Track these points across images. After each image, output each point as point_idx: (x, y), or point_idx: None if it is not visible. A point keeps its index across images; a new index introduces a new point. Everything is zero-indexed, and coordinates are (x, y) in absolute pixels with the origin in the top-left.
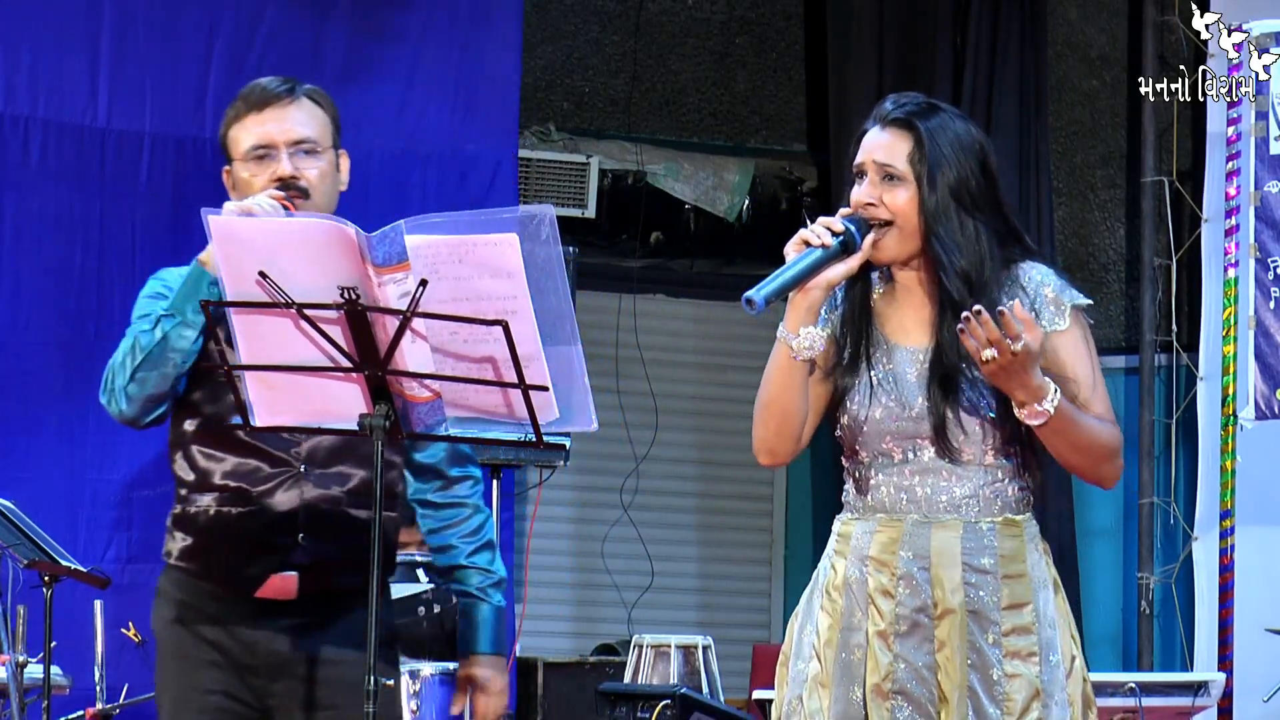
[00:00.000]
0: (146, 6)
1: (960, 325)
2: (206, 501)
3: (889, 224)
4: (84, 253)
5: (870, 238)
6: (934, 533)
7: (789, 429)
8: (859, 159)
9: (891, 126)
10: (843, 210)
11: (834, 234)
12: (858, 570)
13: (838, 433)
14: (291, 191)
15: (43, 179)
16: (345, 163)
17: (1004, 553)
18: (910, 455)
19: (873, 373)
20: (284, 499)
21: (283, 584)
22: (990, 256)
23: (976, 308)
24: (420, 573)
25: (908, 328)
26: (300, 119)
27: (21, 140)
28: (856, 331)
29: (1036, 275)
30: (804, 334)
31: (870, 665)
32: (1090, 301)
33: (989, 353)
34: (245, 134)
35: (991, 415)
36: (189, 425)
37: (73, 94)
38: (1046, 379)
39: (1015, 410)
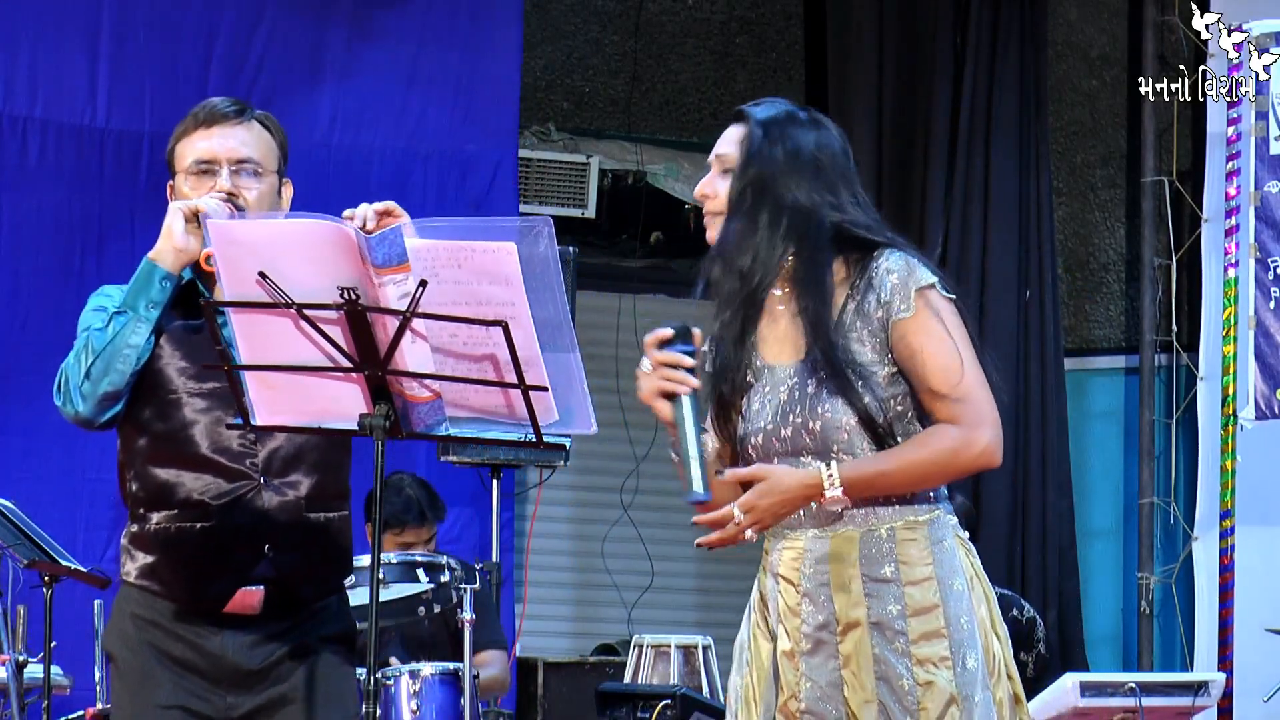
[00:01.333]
0: (146, 6)
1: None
2: (163, 518)
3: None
4: (83, 253)
5: (696, 331)
6: (831, 546)
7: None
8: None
9: (733, 120)
10: (655, 337)
11: (679, 366)
12: (772, 586)
13: (741, 460)
14: (230, 206)
15: (42, 179)
16: (288, 191)
17: (904, 559)
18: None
19: (755, 398)
20: (245, 512)
21: (248, 598)
22: (806, 243)
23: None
24: (420, 572)
25: (779, 346)
26: (245, 139)
27: (20, 140)
28: (737, 359)
29: (884, 264)
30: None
31: (780, 684)
32: (934, 280)
33: (749, 535)
34: (190, 149)
35: (853, 418)
36: (141, 443)
37: (72, 94)
38: (810, 468)
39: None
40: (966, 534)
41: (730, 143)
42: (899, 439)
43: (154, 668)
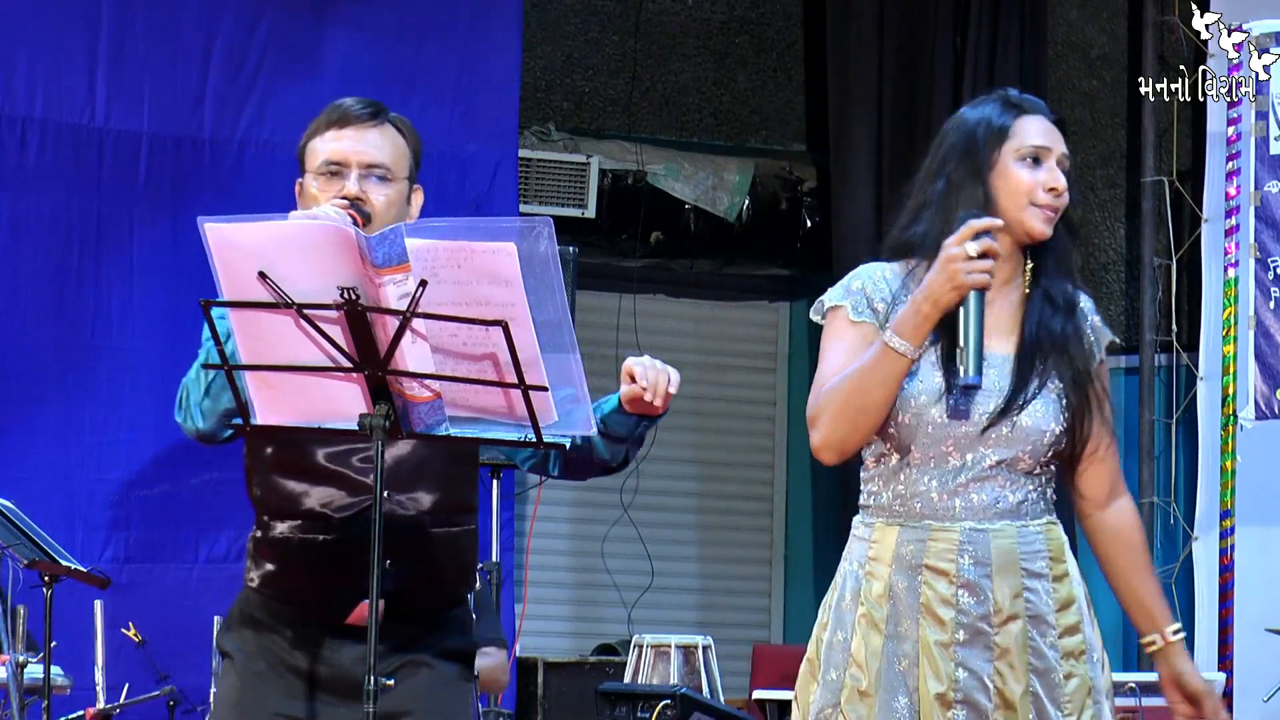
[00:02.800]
0: (145, 6)
1: None
2: (287, 529)
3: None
4: (82, 253)
5: (994, 221)
6: (992, 540)
7: (871, 427)
8: (1039, 141)
9: (1055, 124)
10: (971, 227)
11: (985, 256)
12: (905, 579)
13: (890, 430)
14: (356, 215)
15: (41, 179)
16: (418, 198)
17: (1052, 554)
18: (970, 460)
19: (950, 377)
20: (367, 525)
21: (367, 611)
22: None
23: None
24: None
25: (999, 331)
26: (377, 143)
27: (19, 140)
28: (950, 335)
29: (1084, 299)
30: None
31: (930, 674)
32: (1112, 338)
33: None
34: (321, 149)
35: (1061, 427)
36: (266, 451)
37: (71, 94)
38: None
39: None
40: None
41: (1060, 139)
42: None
43: (270, 674)
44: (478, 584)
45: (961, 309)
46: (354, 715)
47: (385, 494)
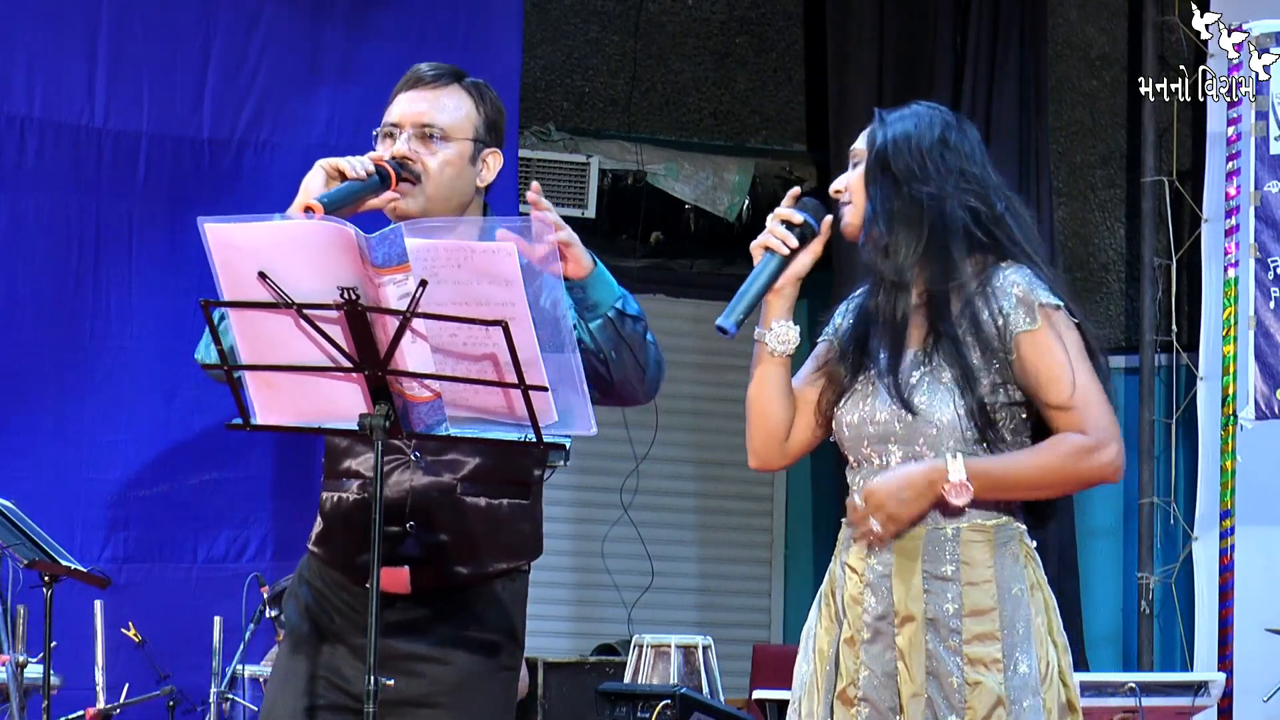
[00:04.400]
0: (144, 6)
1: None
2: (330, 486)
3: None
4: (80, 253)
5: (828, 219)
6: (897, 540)
7: (770, 430)
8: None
9: (873, 121)
10: (792, 193)
11: (793, 226)
12: (841, 576)
13: (833, 437)
14: (405, 174)
15: (39, 179)
16: (495, 160)
17: (966, 559)
18: (882, 460)
19: (862, 378)
20: (393, 487)
21: (393, 577)
22: (935, 233)
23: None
24: None
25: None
26: (435, 103)
27: (18, 140)
28: (857, 341)
29: (1009, 274)
30: (776, 328)
31: (841, 670)
32: (1057, 303)
33: (873, 524)
34: (388, 111)
35: (953, 417)
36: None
37: (70, 94)
38: (933, 463)
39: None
40: (1034, 544)
41: (861, 139)
42: (988, 450)
43: (313, 635)
44: (529, 567)
45: (757, 267)
46: (382, 685)
47: (417, 456)
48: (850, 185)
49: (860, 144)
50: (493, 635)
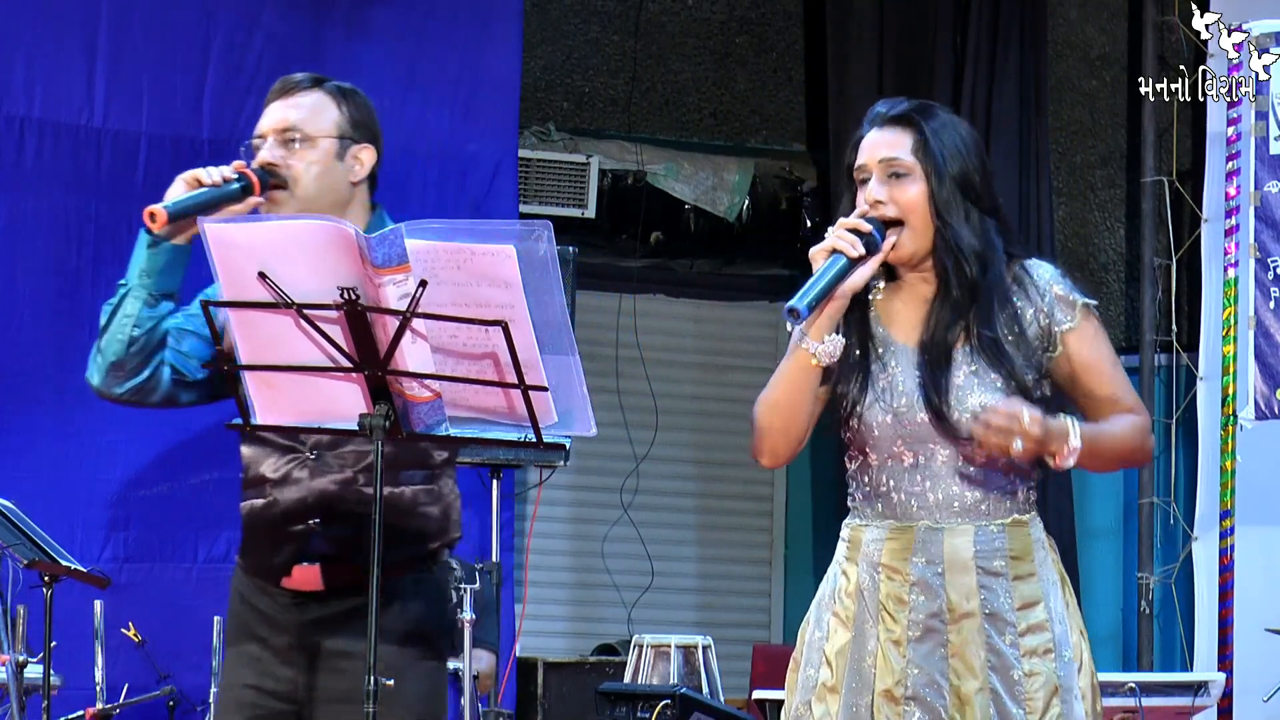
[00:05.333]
0: (144, 6)
1: (974, 438)
2: (244, 495)
3: (899, 222)
4: (80, 253)
5: (890, 240)
6: (946, 539)
7: (796, 432)
8: (860, 161)
9: (890, 125)
10: (860, 209)
11: (860, 234)
12: (869, 577)
13: (846, 435)
14: (274, 180)
15: (39, 179)
16: (367, 155)
17: (1014, 554)
18: (921, 460)
19: (883, 376)
20: (294, 486)
21: (305, 576)
22: (996, 248)
23: (983, 418)
24: None
25: (913, 328)
26: (295, 108)
27: (17, 140)
28: (861, 334)
29: (1045, 274)
30: (829, 341)
31: (881, 671)
32: (1095, 302)
33: (1017, 445)
34: (259, 124)
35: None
36: (238, 421)
37: (69, 94)
38: (1063, 418)
39: (1049, 461)
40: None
41: (901, 150)
42: None
43: (244, 643)
44: (445, 549)
45: (824, 266)
46: (315, 683)
47: (312, 455)
48: (905, 204)
49: (897, 154)
50: (413, 626)
